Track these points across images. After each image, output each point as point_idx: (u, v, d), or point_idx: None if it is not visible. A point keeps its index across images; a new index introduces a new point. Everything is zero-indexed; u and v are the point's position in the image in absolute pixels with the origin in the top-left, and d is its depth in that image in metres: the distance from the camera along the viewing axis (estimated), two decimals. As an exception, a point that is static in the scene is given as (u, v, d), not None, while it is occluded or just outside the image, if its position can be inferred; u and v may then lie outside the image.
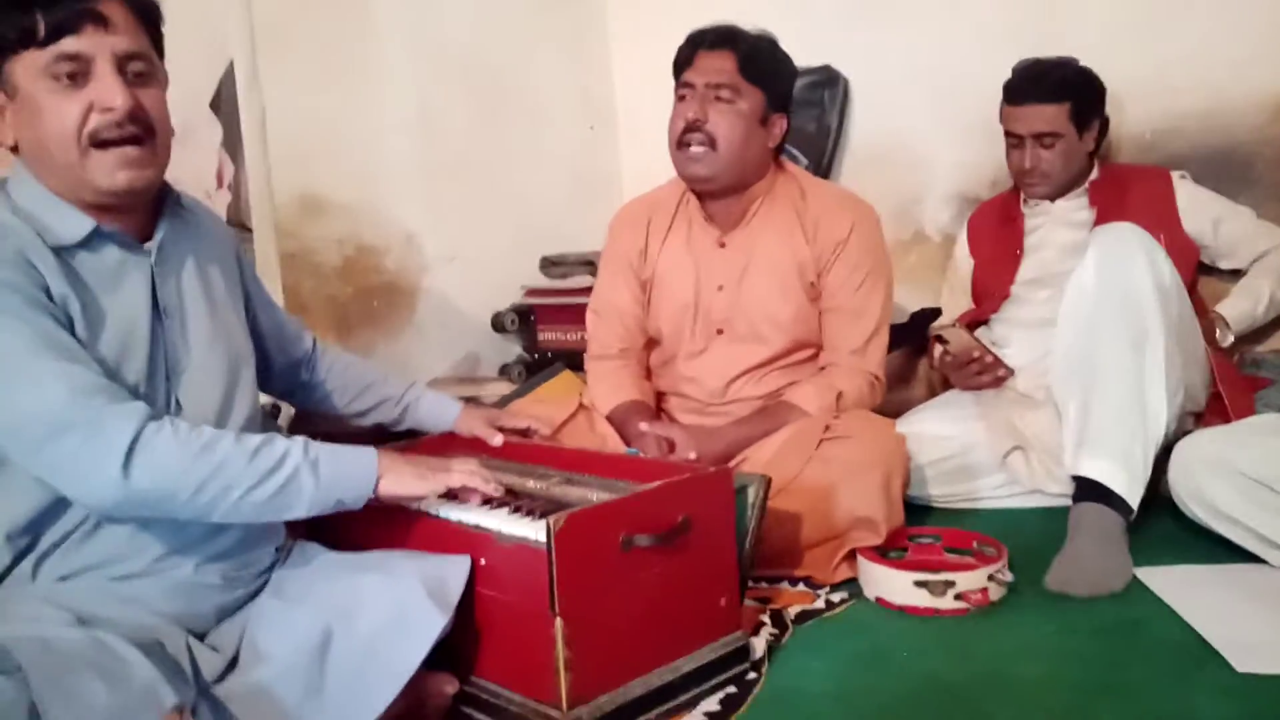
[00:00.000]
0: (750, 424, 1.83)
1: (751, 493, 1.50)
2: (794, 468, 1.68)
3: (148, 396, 1.19)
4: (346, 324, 2.51)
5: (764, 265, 1.91)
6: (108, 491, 1.09)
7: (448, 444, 1.68)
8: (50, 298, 1.12)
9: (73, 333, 1.13)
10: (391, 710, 1.16)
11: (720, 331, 1.94)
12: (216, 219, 1.47)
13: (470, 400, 1.84)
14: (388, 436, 1.70)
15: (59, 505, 1.15)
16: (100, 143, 1.14)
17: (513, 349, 2.81)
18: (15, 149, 1.19)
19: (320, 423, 1.74)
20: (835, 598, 1.60)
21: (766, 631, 1.47)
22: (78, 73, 1.12)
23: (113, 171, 1.15)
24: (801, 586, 1.64)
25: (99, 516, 1.16)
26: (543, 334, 2.70)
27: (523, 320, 2.73)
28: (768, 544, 1.56)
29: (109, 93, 1.13)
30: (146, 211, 1.25)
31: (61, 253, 1.15)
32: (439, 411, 1.72)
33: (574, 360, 2.35)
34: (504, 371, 2.72)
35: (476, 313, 2.77)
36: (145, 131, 1.16)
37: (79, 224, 1.17)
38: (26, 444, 1.09)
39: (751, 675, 1.36)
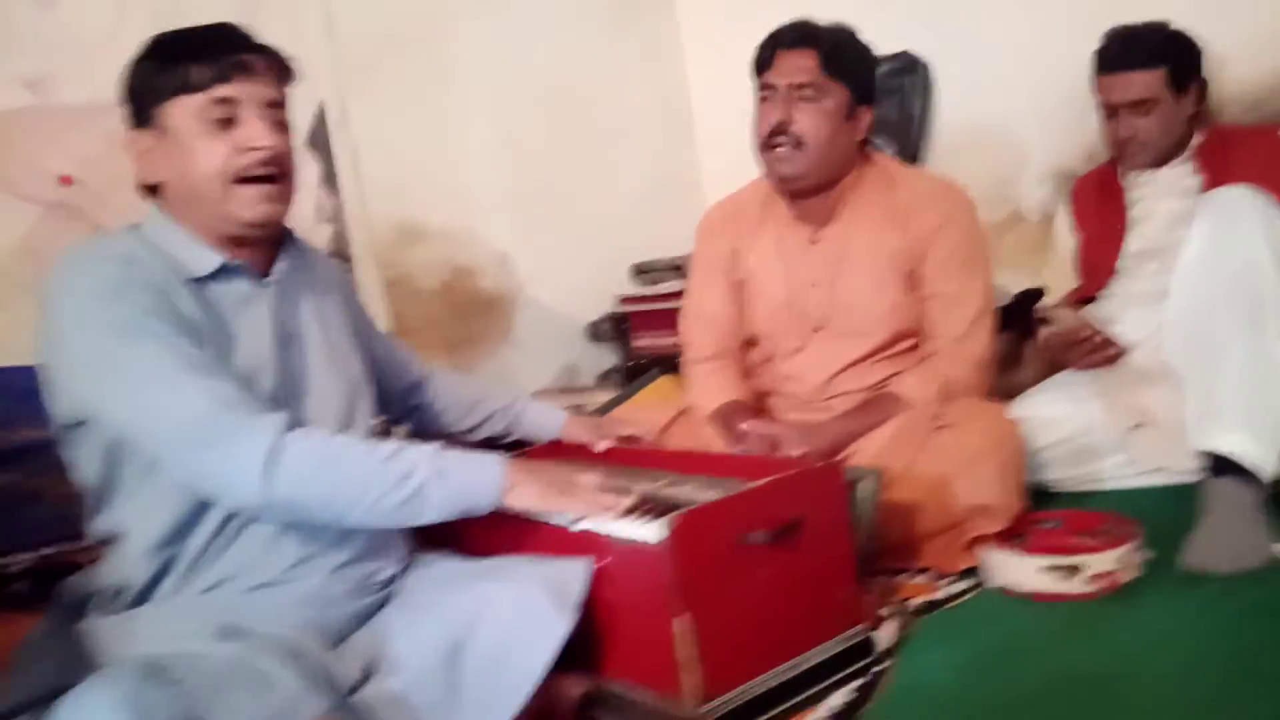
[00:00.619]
0: (856, 418, 1.81)
1: (864, 486, 1.48)
2: (905, 459, 1.66)
3: None
4: (449, 344, 2.58)
5: (858, 259, 1.89)
6: (250, 496, 1.16)
7: (554, 452, 1.71)
8: (185, 323, 1.20)
9: None
10: (523, 714, 1.18)
11: (818, 328, 1.92)
12: (326, 257, 1.55)
13: (572, 410, 1.87)
14: (496, 449, 1.74)
15: (197, 515, 1.22)
16: (243, 179, 1.24)
17: (610, 357, 2.85)
18: (152, 190, 1.28)
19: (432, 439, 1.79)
20: (958, 588, 1.57)
21: (890, 624, 1.45)
22: (227, 117, 1.23)
23: (254, 205, 1.25)
24: (923, 578, 1.61)
25: (243, 518, 1.23)
26: (638, 340, 2.73)
27: (618, 328, 2.76)
28: (885, 536, 1.54)
29: (258, 134, 1.24)
30: (269, 248, 1.33)
31: (193, 284, 1.24)
32: (545, 421, 1.76)
33: (670, 364, 2.36)
34: (603, 379, 2.75)
35: (573, 324, 2.82)
36: (281, 172, 1.27)
37: (209, 258, 1.26)
38: (176, 453, 1.17)
39: (878, 669, 1.34)
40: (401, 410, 1.71)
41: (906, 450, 1.68)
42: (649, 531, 1.20)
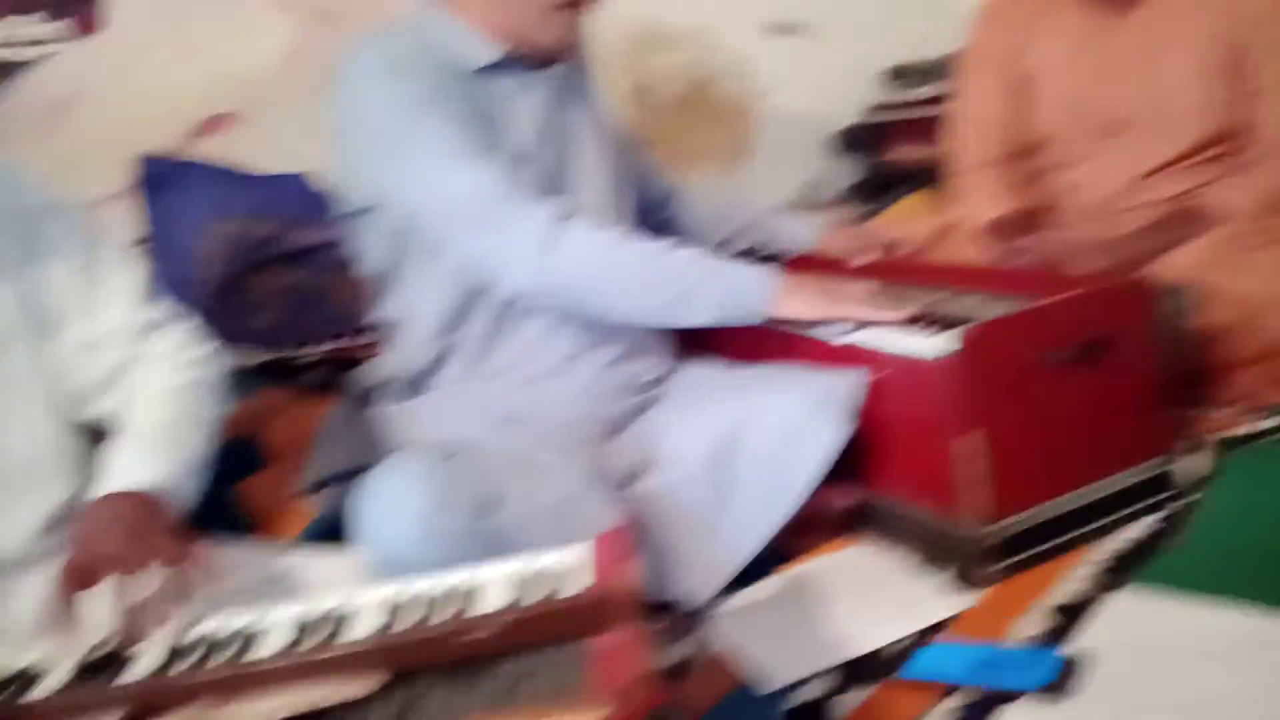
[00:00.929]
0: (1156, 234, 1.60)
1: (1173, 305, 1.33)
2: (1221, 279, 1.46)
3: None
4: (690, 155, 2.51)
5: (1171, 46, 1.63)
6: (525, 278, 1.19)
7: (807, 266, 1.63)
8: (462, 109, 1.21)
9: None
10: (790, 521, 1.17)
11: (1115, 131, 1.69)
12: (595, 61, 1.50)
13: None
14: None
15: (472, 302, 1.26)
16: (563, 8, 1.23)
17: (857, 170, 2.69)
18: None
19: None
20: (1274, 423, 1.40)
21: (1196, 458, 1.32)
22: None
23: (566, 34, 1.27)
24: (1233, 410, 1.45)
25: (518, 310, 1.26)
26: (893, 151, 2.56)
27: (868, 138, 2.60)
28: (1194, 363, 1.39)
29: None
30: None
31: (470, 75, 1.24)
32: (801, 232, 1.68)
33: (925, 179, 2.20)
34: (852, 194, 2.61)
35: (817, 134, 2.67)
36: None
37: (489, 51, 1.26)
38: (457, 232, 1.20)
39: (1181, 503, 1.23)
40: (652, 224, 1.67)
41: (1221, 268, 1.48)
42: (936, 344, 1.12)
